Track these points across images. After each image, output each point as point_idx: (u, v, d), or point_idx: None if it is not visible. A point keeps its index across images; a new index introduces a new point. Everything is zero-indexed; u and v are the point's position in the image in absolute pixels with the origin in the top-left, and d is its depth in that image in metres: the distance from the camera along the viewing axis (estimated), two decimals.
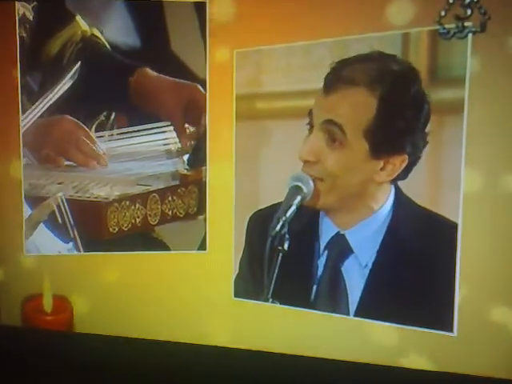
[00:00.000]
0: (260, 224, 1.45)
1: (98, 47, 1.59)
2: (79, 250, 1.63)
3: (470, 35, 1.21)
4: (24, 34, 1.59)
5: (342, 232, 1.38)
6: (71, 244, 1.63)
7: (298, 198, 1.36)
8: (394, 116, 1.27)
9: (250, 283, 1.49)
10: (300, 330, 1.46)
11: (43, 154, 1.62)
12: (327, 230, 1.39)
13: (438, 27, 1.23)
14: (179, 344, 1.55)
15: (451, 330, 1.28)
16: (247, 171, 1.50)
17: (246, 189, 1.51)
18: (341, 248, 1.37)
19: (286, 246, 1.36)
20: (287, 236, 1.36)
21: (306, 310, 1.43)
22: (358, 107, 1.28)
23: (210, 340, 1.54)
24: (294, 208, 1.36)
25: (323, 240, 1.40)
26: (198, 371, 1.50)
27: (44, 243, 1.66)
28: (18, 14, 1.58)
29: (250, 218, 1.49)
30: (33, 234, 1.66)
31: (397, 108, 1.27)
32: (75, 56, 1.60)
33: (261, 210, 1.48)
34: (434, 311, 1.30)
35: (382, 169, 1.29)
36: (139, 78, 1.58)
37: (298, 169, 1.38)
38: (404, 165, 1.28)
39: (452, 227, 1.25)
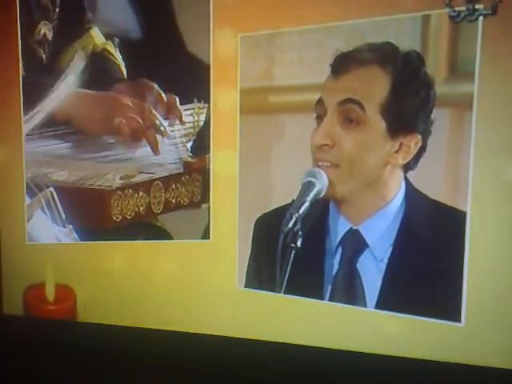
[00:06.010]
0: (269, 224, 1.43)
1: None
2: (77, 239, 1.63)
3: (481, 18, 1.19)
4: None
5: (355, 227, 1.36)
6: (69, 231, 1.62)
7: (312, 194, 1.34)
8: (408, 93, 1.27)
9: (260, 282, 1.47)
10: (306, 320, 1.44)
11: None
12: (338, 227, 1.37)
13: (447, 10, 1.21)
14: (182, 333, 1.55)
15: (459, 321, 1.27)
16: (252, 160, 1.48)
17: (250, 175, 1.48)
18: (356, 244, 1.35)
19: (299, 243, 1.33)
20: (300, 233, 1.33)
21: (313, 300, 1.41)
22: (372, 85, 1.29)
23: (213, 329, 1.53)
24: (307, 204, 1.33)
25: (335, 238, 1.38)
26: (200, 360, 1.49)
27: (43, 232, 1.66)
28: None
29: (258, 220, 1.47)
30: (33, 222, 1.66)
31: (409, 85, 1.28)
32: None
33: (269, 212, 1.45)
34: (443, 302, 1.29)
35: (397, 151, 1.29)
36: None
37: (302, 154, 1.36)
38: (418, 146, 1.28)
39: (462, 217, 1.25)
